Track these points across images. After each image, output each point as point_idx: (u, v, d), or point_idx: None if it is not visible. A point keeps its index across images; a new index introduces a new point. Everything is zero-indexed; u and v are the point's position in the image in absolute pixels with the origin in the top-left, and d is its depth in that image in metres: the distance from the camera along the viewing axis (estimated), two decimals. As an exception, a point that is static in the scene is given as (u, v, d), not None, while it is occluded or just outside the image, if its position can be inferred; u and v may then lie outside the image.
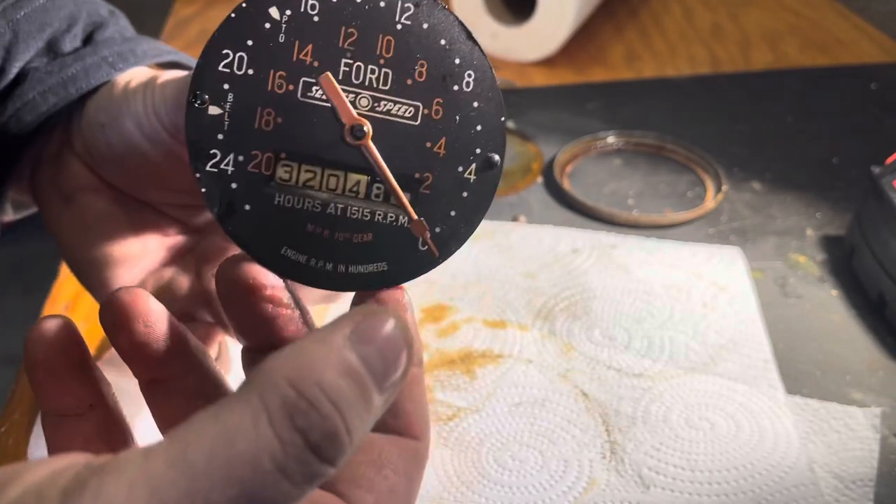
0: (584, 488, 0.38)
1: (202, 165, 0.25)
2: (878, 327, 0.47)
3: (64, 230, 0.35)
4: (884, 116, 0.70)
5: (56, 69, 0.34)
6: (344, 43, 0.25)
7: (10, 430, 0.41)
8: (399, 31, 0.25)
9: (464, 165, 0.26)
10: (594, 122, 0.68)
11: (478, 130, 0.26)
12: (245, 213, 0.25)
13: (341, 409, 0.19)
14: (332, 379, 0.19)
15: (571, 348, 0.45)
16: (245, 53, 0.25)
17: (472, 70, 0.26)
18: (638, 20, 0.90)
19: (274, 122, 0.25)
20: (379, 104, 0.25)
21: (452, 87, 0.26)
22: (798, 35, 0.86)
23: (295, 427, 0.18)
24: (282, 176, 0.25)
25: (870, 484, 0.37)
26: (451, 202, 0.26)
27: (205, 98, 0.24)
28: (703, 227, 0.56)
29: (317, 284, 0.26)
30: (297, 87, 0.25)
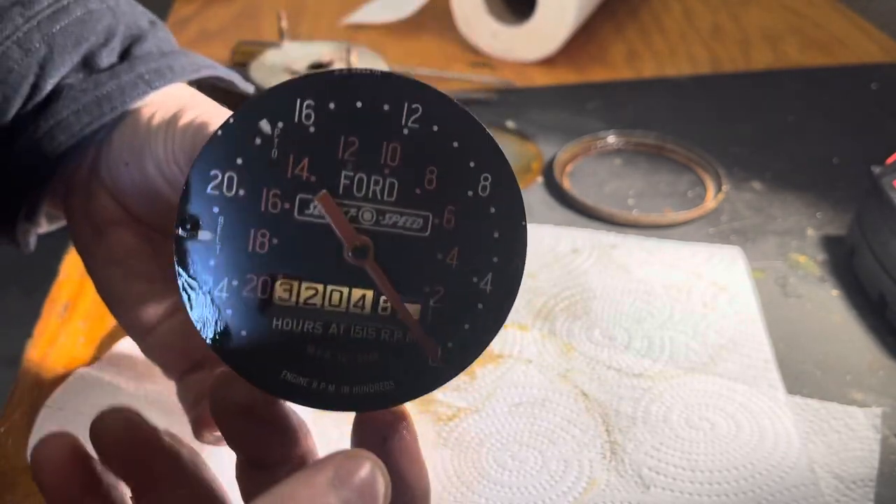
0: (584, 488, 0.38)
1: (194, 293, 0.23)
2: (879, 327, 0.47)
3: (94, 261, 0.35)
4: (884, 116, 0.70)
5: (91, 87, 0.33)
6: (344, 154, 0.23)
7: (10, 430, 0.41)
8: (406, 136, 0.23)
9: (479, 276, 0.24)
10: (594, 122, 0.68)
11: (495, 238, 0.23)
12: (241, 339, 0.23)
13: None
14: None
15: (571, 348, 0.45)
16: (235, 173, 0.22)
17: (489, 173, 0.23)
18: (638, 20, 0.90)
19: (269, 244, 0.23)
20: (384, 217, 0.23)
21: (467, 192, 0.23)
22: (798, 35, 0.86)
23: None
24: (281, 296, 0.23)
25: (870, 484, 0.37)
26: (465, 315, 0.24)
27: (194, 224, 0.23)
28: (703, 227, 0.56)
29: (319, 406, 0.24)
30: (293, 205, 0.23)
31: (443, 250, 0.23)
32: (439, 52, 0.81)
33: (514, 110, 0.70)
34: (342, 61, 0.61)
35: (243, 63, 0.75)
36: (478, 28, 0.79)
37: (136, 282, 0.34)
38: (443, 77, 0.75)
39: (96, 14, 0.35)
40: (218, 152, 0.23)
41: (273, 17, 0.88)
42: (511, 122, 0.68)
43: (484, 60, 0.79)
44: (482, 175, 0.23)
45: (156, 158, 0.32)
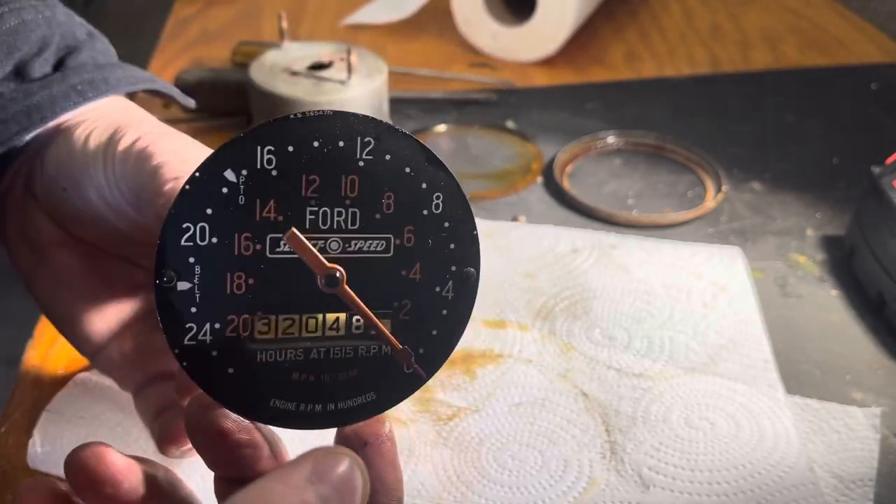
0: (584, 488, 0.38)
1: (180, 341, 0.24)
2: (878, 327, 0.47)
3: (37, 284, 0.35)
4: (884, 116, 0.70)
5: (21, 96, 0.33)
6: (307, 191, 0.24)
7: (10, 430, 0.41)
8: (362, 167, 0.24)
9: (441, 285, 0.26)
10: (594, 122, 0.68)
11: (451, 248, 0.25)
12: (229, 376, 0.24)
13: None
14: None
15: (571, 348, 0.45)
16: (206, 223, 0.23)
17: (440, 192, 0.25)
18: (638, 20, 0.90)
19: (245, 285, 0.24)
20: (350, 244, 0.25)
21: (422, 211, 0.25)
22: (798, 35, 0.86)
23: None
24: (261, 330, 0.25)
25: (870, 484, 0.37)
26: (432, 322, 0.26)
27: (172, 276, 0.24)
28: (703, 227, 0.56)
29: (307, 427, 0.26)
30: (264, 245, 0.24)
31: (406, 267, 0.25)
32: (439, 53, 0.81)
33: (514, 110, 0.70)
34: (342, 61, 0.61)
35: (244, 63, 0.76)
36: (478, 28, 0.79)
37: (81, 301, 0.34)
38: (443, 77, 0.75)
39: (30, 24, 0.34)
40: (188, 205, 0.23)
41: (273, 18, 0.88)
42: (511, 122, 0.68)
43: (484, 60, 0.79)
44: (434, 194, 0.25)
45: (97, 186, 0.31)
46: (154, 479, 0.27)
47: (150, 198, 0.29)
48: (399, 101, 0.69)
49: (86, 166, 0.31)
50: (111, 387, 0.41)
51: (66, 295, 0.34)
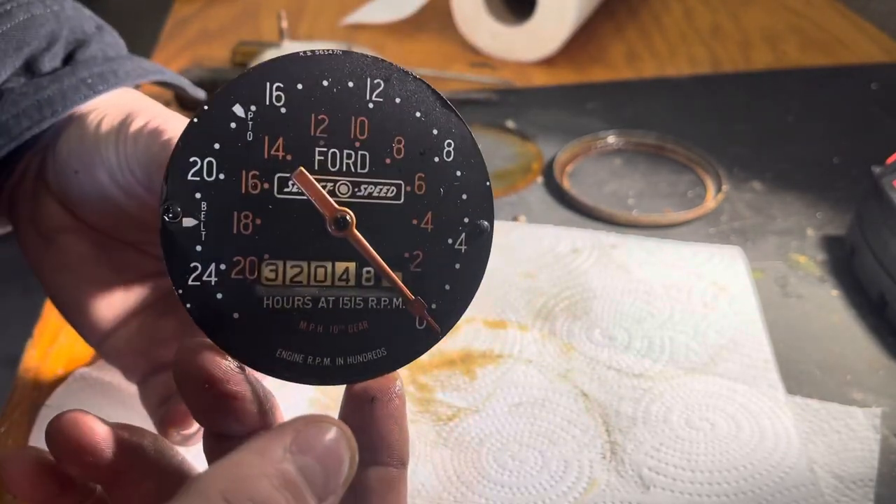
0: (584, 489, 0.38)
1: (184, 281, 0.23)
2: (879, 327, 0.47)
3: (45, 270, 0.35)
4: (884, 116, 0.70)
5: (32, 91, 0.33)
6: (316, 131, 0.23)
7: (10, 430, 0.41)
8: (371, 109, 0.24)
9: (453, 237, 0.25)
10: (594, 122, 0.68)
11: (464, 199, 0.25)
12: (234, 321, 0.24)
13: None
14: (266, 491, 0.19)
15: (571, 348, 0.45)
16: (213, 158, 0.23)
17: (452, 139, 0.24)
18: (638, 20, 0.90)
19: (252, 225, 0.24)
20: (360, 189, 0.24)
21: (433, 159, 0.24)
22: (798, 35, 0.86)
23: None
24: (267, 276, 0.24)
25: (870, 484, 0.37)
26: (445, 276, 0.25)
27: (177, 211, 0.23)
28: (703, 227, 0.56)
29: (315, 382, 0.25)
30: (272, 184, 0.23)
31: (417, 216, 0.25)
32: (439, 52, 0.81)
33: (514, 110, 0.70)
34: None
35: (243, 63, 0.75)
36: (478, 28, 0.79)
37: (89, 288, 0.34)
38: (443, 77, 0.75)
39: (39, 19, 0.34)
40: (196, 139, 0.23)
41: (273, 17, 0.88)
42: (511, 122, 0.68)
43: (484, 60, 0.79)
44: (445, 141, 0.24)
45: (108, 167, 0.31)
46: (140, 446, 0.26)
47: (161, 170, 0.29)
48: (399, 101, 0.69)
49: (97, 148, 0.32)
50: (111, 382, 0.41)
51: (74, 281, 0.34)
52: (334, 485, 0.21)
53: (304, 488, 0.20)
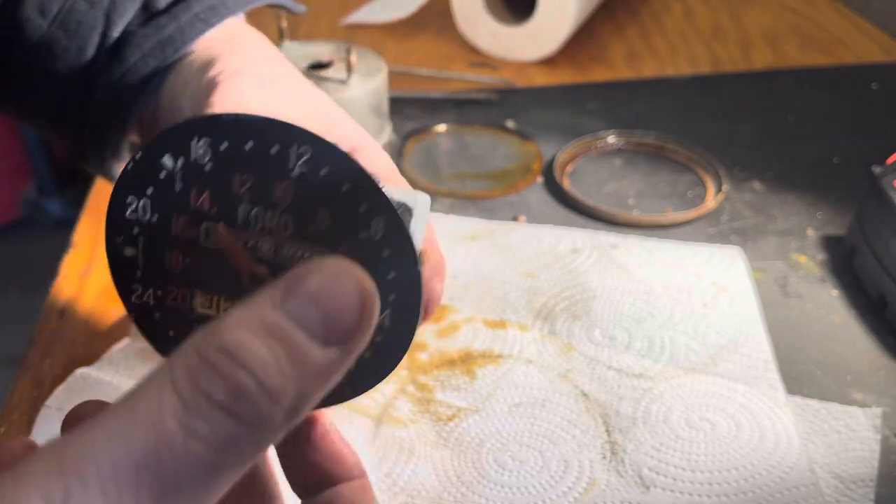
0: (584, 489, 0.38)
1: (127, 297, 0.25)
2: (879, 327, 0.47)
3: None
4: (884, 116, 0.70)
5: (153, 31, 0.35)
6: (240, 189, 0.24)
7: (9, 431, 0.40)
8: (296, 177, 0.23)
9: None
10: (594, 122, 0.68)
11: (391, 278, 0.24)
12: (171, 338, 0.26)
13: (250, 367, 0.17)
14: (238, 338, 0.17)
15: (571, 348, 0.45)
16: (147, 200, 0.24)
17: (381, 217, 0.23)
18: (638, 20, 0.90)
19: (182, 263, 0.25)
20: (282, 249, 0.24)
21: (358, 234, 0.24)
22: (798, 35, 0.86)
23: (198, 388, 0.17)
24: (202, 303, 0.25)
25: (870, 484, 0.37)
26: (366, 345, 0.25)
27: (119, 240, 0.25)
28: (703, 227, 0.56)
29: None
30: (198, 232, 0.24)
31: None
32: (439, 52, 0.81)
33: (514, 110, 0.70)
34: (342, 61, 0.61)
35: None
36: (478, 28, 0.79)
37: None
38: (443, 77, 0.75)
39: None
40: (131, 181, 0.24)
41: (273, 17, 0.88)
42: (511, 122, 0.68)
43: (484, 60, 0.79)
44: (374, 219, 0.23)
45: (191, 106, 0.33)
46: None
47: None
48: (399, 101, 0.69)
49: (183, 98, 0.33)
50: (111, 382, 0.41)
51: None
52: (345, 326, 0.18)
53: (293, 331, 0.18)
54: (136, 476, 0.16)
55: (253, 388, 0.17)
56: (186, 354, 0.17)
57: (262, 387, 0.17)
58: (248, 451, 0.18)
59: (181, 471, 0.17)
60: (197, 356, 0.17)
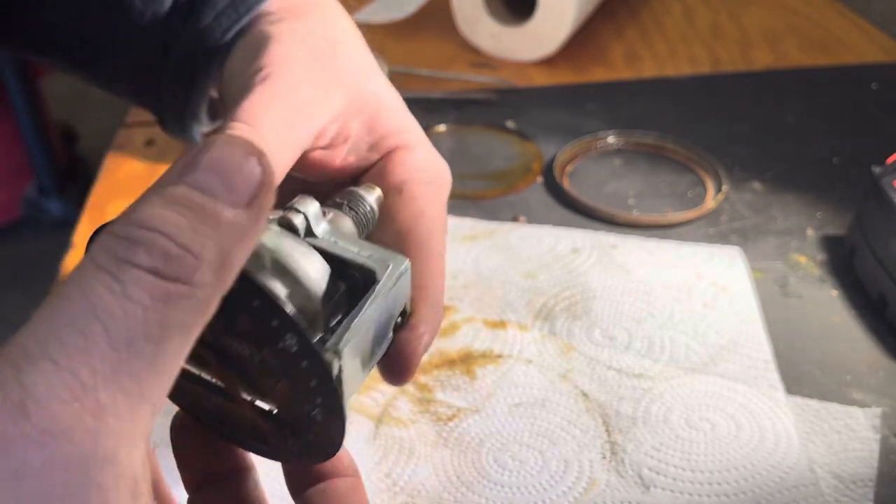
0: (584, 488, 0.38)
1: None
2: (879, 327, 0.47)
3: None
4: (884, 116, 0.70)
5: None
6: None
7: (9, 431, 0.40)
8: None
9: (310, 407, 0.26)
10: (594, 122, 0.68)
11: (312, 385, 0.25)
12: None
13: (166, 232, 0.18)
14: (147, 211, 0.18)
15: (571, 348, 0.45)
16: None
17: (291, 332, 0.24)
18: (638, 20, 0.90)
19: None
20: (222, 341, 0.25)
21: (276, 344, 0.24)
22: (798, 35, 0.86)
23: (121, 260, 0.18)
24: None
25: (870, 484, 0.37)
26: (307, 431, 0.26)
27: None
28: (703, 227, 0.56)
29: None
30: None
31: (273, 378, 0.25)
32: (439, 52, 0.81)
33: (514, 110, 0.70)
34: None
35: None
36: (478, 28, 0.79)
37: None
38: (443, 77, 0.75)
39: None
40: None
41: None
42: (511, 122, 0.68)
43: (484, 60, 0.79)
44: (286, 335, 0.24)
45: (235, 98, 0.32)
46: None
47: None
48: (399, 101, 0.69)
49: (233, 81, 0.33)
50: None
51: None
52: (247, 187, 0.19)
53: (198, 197, 0.19)
54: (86, 345, 0.17)
55: (174, 249, 0.18)
56: (103, 239, 0.18)
57: (183, 247, 0.18)
58: (188, 310, 0.18)
59: (128, 337, 0.17)
60: (113, 236, 0.18)
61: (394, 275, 0.27)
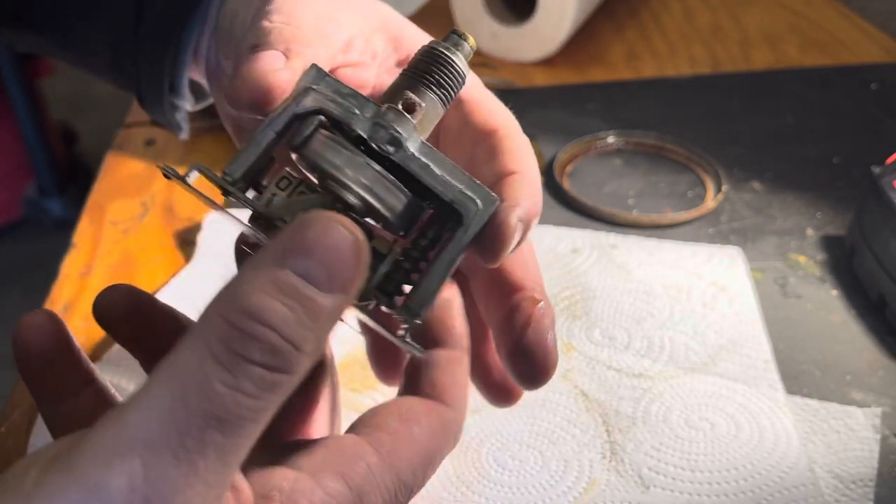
0: (584, 488, 0.38)
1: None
2: (878, 327, 0.47)
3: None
4: (884, 116, 0.70)
5: None
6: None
7: (10, 431, 0.41)
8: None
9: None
10: (594, 122, 0.68)
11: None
12: None
13: (276, 326, 0.20)
14: (258, 302, 0.20)
15: (571, 348, 0.45)
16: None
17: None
18: (638, 20, 0.90)
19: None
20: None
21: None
22: (798, 35, 0.86)
23: (235, 353, 0.19)
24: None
25: (870, 484, 0.37)
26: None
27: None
28: (703, 227, 0.56)
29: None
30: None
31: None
32: (439, 53, 0.81)
33: (513, 110, 0.70)
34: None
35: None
36: (478, 28, 0.79)
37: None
38: (443, 77, 0.75)
39: None
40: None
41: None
42: (511, 123, 0.68)
43: (484, 60, 0.79)
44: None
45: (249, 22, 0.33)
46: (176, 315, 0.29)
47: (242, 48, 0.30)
48: (399, 101, 0.69)
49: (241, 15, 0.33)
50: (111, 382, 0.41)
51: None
52: (344, 274, 0.21)
53: (304, 288, 0.20)
54: (201, 435, 0.19)
55: (282, 343, 0.20)
56: (215, 324, 0.20)
57: (289, 340, 0.20)
58: (284, 391, 0.20)
59: (237, 423, 0.19)
60: (226, 324, 0.19)
61: (484, 215, 0.27)
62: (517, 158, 0.30)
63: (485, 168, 0.30)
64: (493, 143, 0.30)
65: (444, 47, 0.28)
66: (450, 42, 0.29)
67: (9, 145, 1.88)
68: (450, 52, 0.28)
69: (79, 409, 0.27)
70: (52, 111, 1.95)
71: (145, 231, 0.56)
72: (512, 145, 0.30)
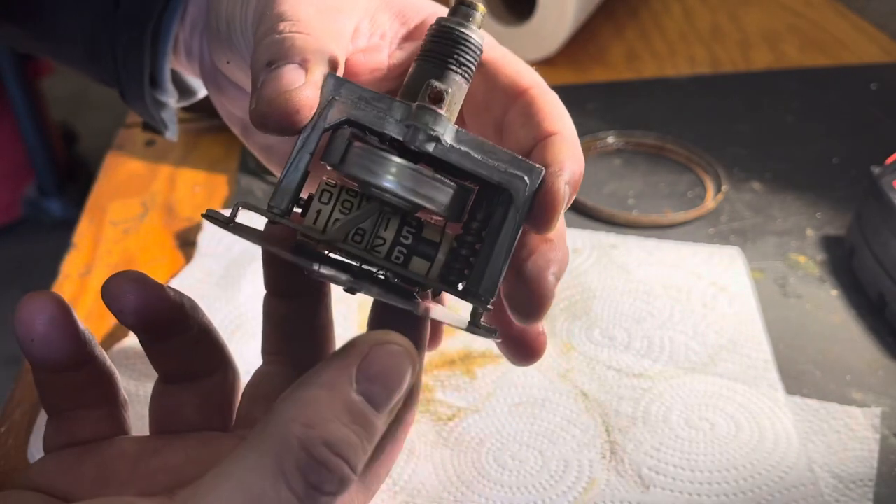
0: (584, 488, 0.38)
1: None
2: (878, 327, 0.47)
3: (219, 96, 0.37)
4: (884, 116, 0.70)
5: None
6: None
7: (10, 430, 0.41)
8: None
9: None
10: (594, 122, 0.68)
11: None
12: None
13: (347, 457, 0.22)
14: (336, 433, 0.21)
15: (571, 348, 0.45)
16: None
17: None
18: (638, 20, 0.90)
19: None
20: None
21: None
22: (798, 35, 0.86)
23: (310, 484, 0.21)
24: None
25: (870, 484, 0.37)
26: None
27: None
28: (703, 227, 0.56)
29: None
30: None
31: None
32: (439, 53, 0.81)
33: (513, 110, 0.70)
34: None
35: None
36: (478, 28, 0.79)
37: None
38: (443, 77, 0.75)
39: None
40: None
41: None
42: (511, 123, 0.68)
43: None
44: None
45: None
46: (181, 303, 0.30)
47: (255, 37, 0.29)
48: (399, 101, 0.69)
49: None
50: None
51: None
52: (396, 397, 0.23)
53: (368, 413, 0.22)
54: None
55: (348, 473, 0.22)
56: (293, 448, 0.21)
57: (353, 468, 0.22)
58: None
59: None
60: (305, 453, 0.21)
61: (532, 189, 0.27)
62: (553, 117, 0.29)
63: (521, 132, 0.29)
64: (525, 105, 0.30)
65: (456, 22, 0.28)
66: (459, 15, 0.28)
67: (9, 145, 1.88)
68: (462, 26, 0.28)
69: (76, 385, 0.28)
70: (52, 111, 1.95)
71: (145, 231, 0.56)
72: (546, 105, 0.30)
